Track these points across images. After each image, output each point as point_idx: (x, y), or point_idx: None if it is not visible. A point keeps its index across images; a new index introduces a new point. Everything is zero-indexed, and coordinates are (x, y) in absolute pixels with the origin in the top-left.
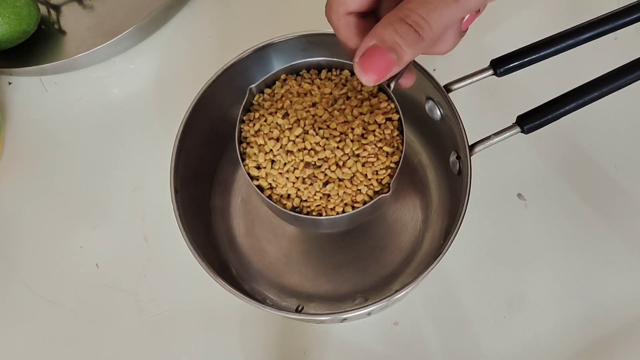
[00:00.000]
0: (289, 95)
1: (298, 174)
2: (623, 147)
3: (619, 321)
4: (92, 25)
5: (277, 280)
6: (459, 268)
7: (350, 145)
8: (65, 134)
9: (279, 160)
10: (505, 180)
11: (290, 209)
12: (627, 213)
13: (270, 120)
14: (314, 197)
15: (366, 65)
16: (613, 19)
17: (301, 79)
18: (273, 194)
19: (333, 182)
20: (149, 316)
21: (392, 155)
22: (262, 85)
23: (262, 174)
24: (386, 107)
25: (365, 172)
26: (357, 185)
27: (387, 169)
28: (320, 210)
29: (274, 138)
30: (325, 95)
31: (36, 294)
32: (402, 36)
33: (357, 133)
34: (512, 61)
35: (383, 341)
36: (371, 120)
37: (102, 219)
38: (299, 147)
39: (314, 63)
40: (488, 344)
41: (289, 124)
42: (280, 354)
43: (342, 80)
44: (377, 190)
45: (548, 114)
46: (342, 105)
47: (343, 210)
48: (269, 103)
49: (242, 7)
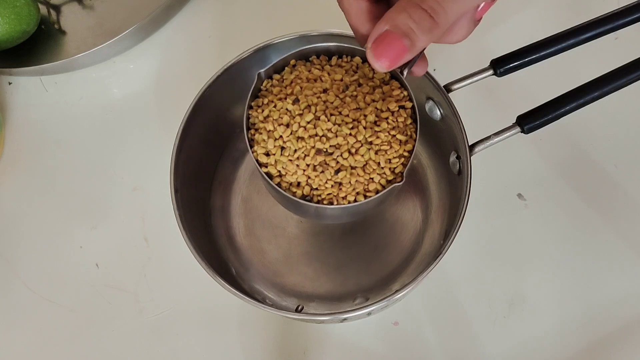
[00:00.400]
0: (299, 80)
1: (309, 161)
2: (623, 147)
3: (619, 321)
4: (92, 25)
5: (277, 280)
6: (459, 268)
7: (363, 133)
8: (65, 134)
9: (289, 147)
10: (505, 180)
11: (300, 197)
12: (627, 213)
13: (279, 106)
14: (325, 185)
15: (379, 51)
16: (613, 19)
17: (311, 64)
18: (282, 181)
19: (345, 169)
20: (149, 316)
21: (405, 143)
22: (270, 70)
23: (272, 160)
24: (399, 95)
25: (379, 160)
26: (370, 174)
27: (400, 158)
28: (331, 198)
29: (283, 124)
30: (335, 81)
31: (36, 294)
32: (417, 22)
33: (370, 120)
34: (512, 61)
35: (383, 341)
36: (384, 107)
37: (102, 219)
38: (310, 134)
39: (323, 49)
40: (488, 344)
41: (300, 109)
42: (280, 354)
43: (352, 66)
44: (390, 180)
45: (548, 114)
46: (353, 91)
47: (355, 199)
48: (278, 89)
49: (242, 7)
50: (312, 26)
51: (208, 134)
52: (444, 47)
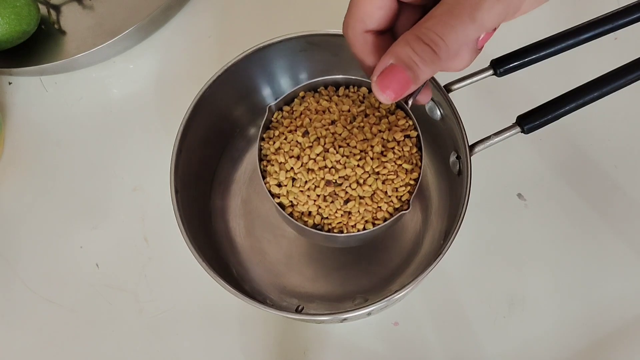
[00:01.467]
0: (308, 112)
1: (319, 192)
2: (623, 147)
3: (619, 321)
4: (92, 25)
5: (277, 281)
6: (459, 268)
7: (370, 163)
8: (65, 134)
9: (300, 178)
10: (505, 180)
11: (312, 226)
12: (627, 213)
13: (290, 138)
14: (335, 215)
15: (384, 84)
16: (613, 19)
17: (319, 95)
18: (294, 211)
19: (354, 199)
20: (149, 316)
21: (411, 172)
22: (281, 103)
23: (283, 191)
24: (404, 125)
25: (386, 189)
26: (378, 203)
27: (406, 186)
28: (341, 227)
29: (294, 156)
30: (343, 112)
31: (36, 294)
32: (419, 54)
33: (377, 151)
34: (512, 61)
35: (383, 341)
36: (390, 137)
37: (102, 219)
38: (320, 165)
39: (331, 81)
40: (488, 344)
41: (309, 142)
42: (280, 354)
43: (359, 97)
44: (397, 207)
45: (548, 114)
46: (360, 122)
47: (364, 227)
48: (288, 121)
49: (242, 8)
50: (312, 26)
51: (208, 134)
52: None
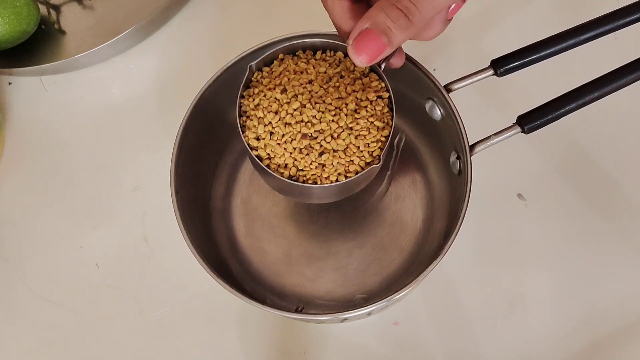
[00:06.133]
0: (287, 72)
1: (295, 145)
2: (623, 147)
3: (619, 321)
4: (92, 25)
5: (277, 280)
6: (459, 268)
7: (344, 119)
8: (65, 134)
9: (277, 132)
10: (505, 180)
11: (288, 177)
12: (627, 213)
13: (269, 95)
14: (310, 167)
15: (359, 48)
16: (613, 19)
17: (297, 58)
18: (271, 163)
19: (328, 152)
20: (149, 316)
21: (382, 129)
22: (260, 63)
23: (261, 144)
24: (377, 86)
25: (358, 144)
26: (350, 156)
27: (377, 142)
28: (315, 179)
29: (272, 111)
30: (320, 73)
31: (36, 294)
32: (393, 20)
33: (351, 108)
34: (512, 61)
35: (383, 341)
36: (363, 97)
37: (102, 219)
38: (297, 120)
39: (310, 44)
40: (488, 344)
41: (287, 98)
42: (280, 354)
43: (335, 60)
44: (369, 162)
45: (548, 114)
46: (336, 82)
47: (337, 179)
48: (267, 80)
49: (242, 8)
50: (311, 26)
51: (208, 134)
52: (444, 48)
